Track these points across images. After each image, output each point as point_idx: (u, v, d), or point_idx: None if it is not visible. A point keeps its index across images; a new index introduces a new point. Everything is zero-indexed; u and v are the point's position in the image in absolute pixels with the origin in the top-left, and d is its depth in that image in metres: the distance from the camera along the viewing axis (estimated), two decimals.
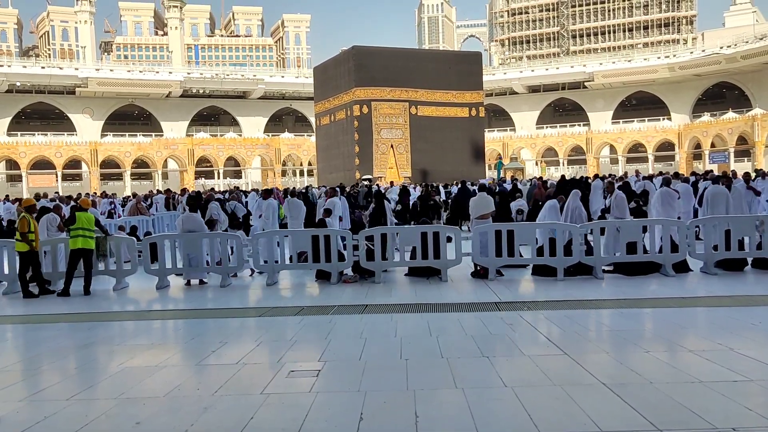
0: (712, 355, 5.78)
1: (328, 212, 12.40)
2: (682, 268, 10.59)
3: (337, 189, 17.35)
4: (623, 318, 7.72)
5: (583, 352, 6.06)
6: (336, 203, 14.25)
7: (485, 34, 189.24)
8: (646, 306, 8.33)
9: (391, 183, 32.39)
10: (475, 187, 18.89)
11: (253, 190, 34.05)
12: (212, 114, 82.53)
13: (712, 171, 35.69)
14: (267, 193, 16.39)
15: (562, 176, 21.06)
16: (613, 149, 72.20)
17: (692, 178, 19.67)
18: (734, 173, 21.57)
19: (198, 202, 13.68)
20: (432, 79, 45.29)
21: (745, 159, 62.12)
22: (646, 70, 74.53)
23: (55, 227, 12.13)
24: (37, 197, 20.33)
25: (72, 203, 17.65)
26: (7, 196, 32.99)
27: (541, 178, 25.76)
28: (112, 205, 23.47)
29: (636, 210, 12.62)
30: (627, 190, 17.44)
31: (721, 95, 75.74)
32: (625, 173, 28.70)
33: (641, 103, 79.12)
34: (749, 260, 10.87)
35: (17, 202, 21.16)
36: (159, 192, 28.75)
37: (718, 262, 10.61)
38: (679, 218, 11.72)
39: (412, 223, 15.84)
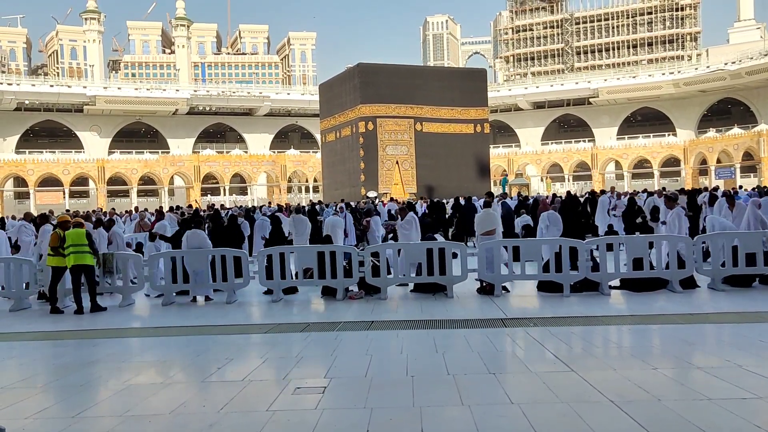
0: (721, 372, 5.73)
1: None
2: (689, 284, 10.54)
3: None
4: (630, 334, 7.67)
5: (590, 369, 6.01)
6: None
7: (490, 51, 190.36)
8: (654, 322, 8.26)
9: (391, 198, 32.47)
10: (480, 203, 18.88)
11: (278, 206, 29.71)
12: (218, 131, 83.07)
13: (717, 187, 35.58)
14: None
15: (568, 192, 21.08)
16: (618, 165, 72.19)
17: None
18: (741, 187, 21.36)
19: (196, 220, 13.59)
20: (437, 96, 45.51)
21: (752, 174, 61.96)
22: (650, 87, 74.72)
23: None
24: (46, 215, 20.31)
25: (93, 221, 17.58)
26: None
27: (555, 194, 25.72)
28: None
29: (642, 225, 12.60)
30: (633, 205, 17.45)
31: (727, 111, 75.78)
32: (602, 191, 27.16)
33: (646, 119, 79.23)
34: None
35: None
36: (179, 208, 28.61)
37: (725, 278, 10.55)
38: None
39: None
